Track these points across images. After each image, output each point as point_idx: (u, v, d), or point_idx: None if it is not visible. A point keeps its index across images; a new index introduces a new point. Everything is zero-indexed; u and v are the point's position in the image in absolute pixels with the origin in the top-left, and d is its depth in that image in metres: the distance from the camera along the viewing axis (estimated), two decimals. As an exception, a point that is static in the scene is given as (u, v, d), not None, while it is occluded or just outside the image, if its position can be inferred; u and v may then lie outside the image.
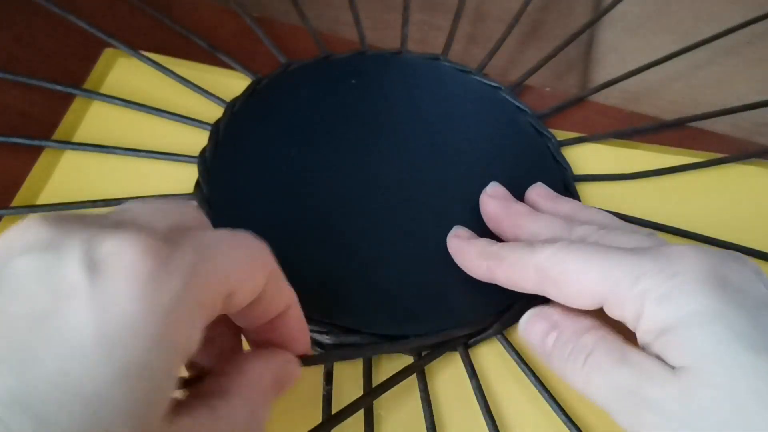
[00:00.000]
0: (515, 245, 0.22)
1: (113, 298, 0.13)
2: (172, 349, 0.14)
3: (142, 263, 0.14)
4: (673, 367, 0.17)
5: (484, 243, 0.23)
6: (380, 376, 0.23)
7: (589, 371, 0.19)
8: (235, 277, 0.16)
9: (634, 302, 0.18)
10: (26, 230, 0.14)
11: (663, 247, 0.19)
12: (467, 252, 0.24)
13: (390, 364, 0.24)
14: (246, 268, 0.16)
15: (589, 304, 0.20)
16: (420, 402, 0.23)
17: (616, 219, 0.24)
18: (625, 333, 0.19)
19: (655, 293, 0.18)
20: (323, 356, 0.23)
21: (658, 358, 0.18)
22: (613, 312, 0.19)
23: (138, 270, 0.14)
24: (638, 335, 0.19)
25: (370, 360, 0.24)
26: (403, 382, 0.23)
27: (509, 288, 0.22)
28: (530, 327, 0.21)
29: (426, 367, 0.24)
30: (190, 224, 0.17)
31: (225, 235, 0.16)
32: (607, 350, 0.19)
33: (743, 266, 0.19)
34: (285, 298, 0.19)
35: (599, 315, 0.20)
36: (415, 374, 0.23)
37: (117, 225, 0.15)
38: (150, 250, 0.14)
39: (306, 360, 0.20)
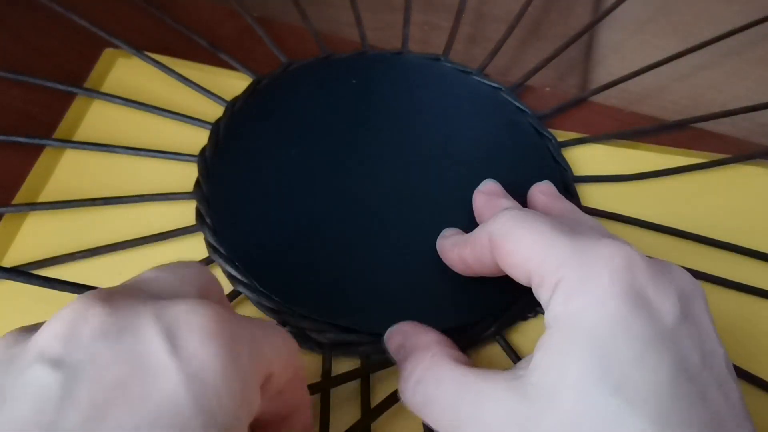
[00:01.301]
0: (479, 227, 0.22)
1: (201, 366, 0.14)
2: (251, 409, 0.15)
3: (219, 328, 0.14)
4: (524, 377, 0.17)
5: (459, 235, 0.23)
6: (377, 375, 0.23)
7: (423, 391, 0.18)
8: (275, 363, 0.16)
9: (549, 288, 0.18)
10: (88, 316, 0.14)
11: (600, 239, 0.18)
12: (444, 246, 0.24)
13: (387, 365, 0.24)
14: (284, 358, 0.17)
15: (521, 278, 0.19)
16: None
17: (601, 227, 0.23)
18: None
19: (566, 286, 0.17)
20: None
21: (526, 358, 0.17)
22: (536, 293, 0.19)
23: (217, 335, 0.14)
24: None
25: (368, 359, 0.24)
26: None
27: (480, 271, 0.22)
28: (389, 343, 0.22)
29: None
30: (213, 290, 0.18)
31: (265, 323, 0.17)
32: (441, 376, 0.18)
33: (669, 284, 0.17)
34: (299, 399, 0.19)
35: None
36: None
37: (161, 296, 0.16)
38: (220, 317, 0.15)
39: None
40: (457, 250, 0.23)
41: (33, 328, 0.15)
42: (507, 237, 0.20)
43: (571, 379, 0.16)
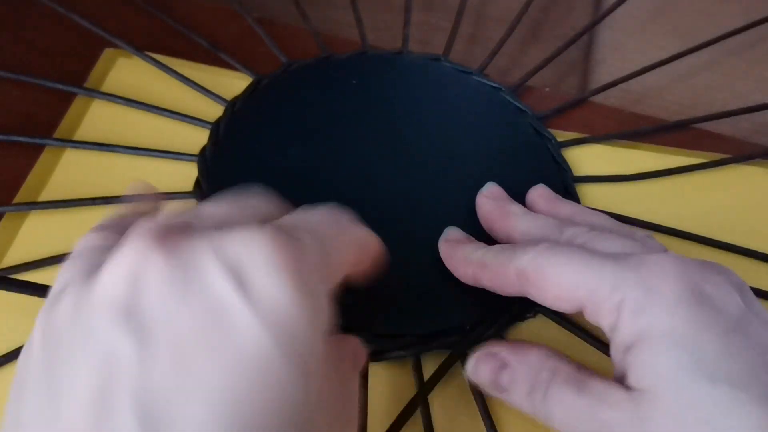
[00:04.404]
0: (498, 250, 0.22)
1: (274, 303, 0.14)
2: (324, 332, 0.15)
3: (283, 255, 0.14)
4: (631, 388, 0.17)
5: (471, 248, 0.23)
6: (375, 376, 0.23)
7: (549, 405, 0.19)
8: (348, 263, 0.17)
9: (611, 312, 0.18)
10: (149, 266, 0.14)
11: (645, 256, 0.19)
12: (453, 257, 0.24)
13: (386, 365, 0.24)
14: (356, 253, 0.17)
15: (568, 309, 0.20)
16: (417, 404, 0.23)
17: (613, 221, 0.23)
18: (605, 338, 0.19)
19: (630, 305, 0.18)
20: None
21: (622, 377, 0.18)
22: (591, 319, 0.19)
23: (282, 264, 0.14)
24: (611, 347, 0.19)
25: (367, 359, 0.24)
26: (400, 383, 0.23)
27: (496, 292, 0.22)
28: (479, 368, 0.21)
29: (423, 369, 0.24)
30: (276, 214, 0.17)
31: (334, 222, 0.17)
32: (564, 382, 0.19)
33: (724, 280, 0.18)
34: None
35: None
36: (412, 376, 0.23)
37: (221, 226, 0.15)
38: (281, 240, 0.14)
39: None
40: (472, 269, 0.22)
41: (90, 265, 0.15)
42: (544, 272, 0.20)
43: (670, 380, 0.16)
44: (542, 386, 0.19)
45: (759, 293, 0.26)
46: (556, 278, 0.19)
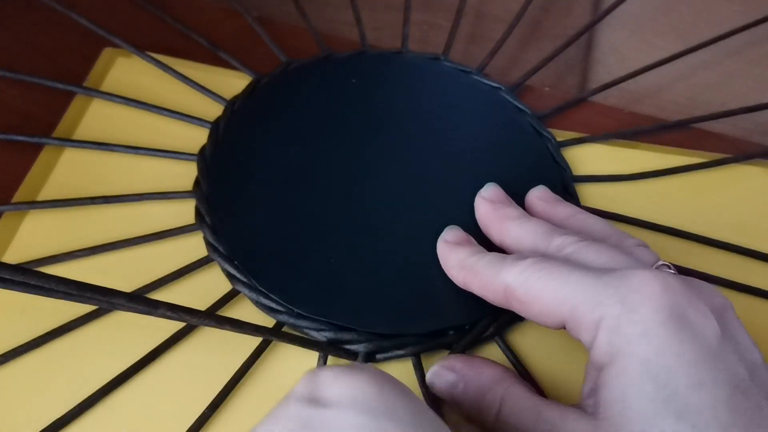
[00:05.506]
0: (488, 262, 0.22)
1: None
2: None
3: None
4: (595, 413, 0.17)
5: (465, 253, 0.23)
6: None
7: (500, 427, 0.19)
8: None
9: (590, 329, 0.18)
10: None
11: (629, 272, 0.18)
12: (448, 260, 0.24)
13: (386, 365, 0.24)
14: None
15: (552, 325, 0.20)
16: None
17: (608, 226, 0.23)
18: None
19: (608, 324, 0.18)
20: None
21: (591, 392, 0.18)
22: (573, 334, 0.19)
23: None
24: (588, 362, 0.19)
25: (365, 358, 0.24)
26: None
27: (485, 300, 0.22)
28: (436, 381, 0.22)
29: (423, 369, 0.24)
30: None
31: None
32: (515, 409, 0.19)
33: (706, 302, 0.18)
34: None
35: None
36: (414, 374, 0.23)
37: None
38: None
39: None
40: (464, 275, 0.23)
41: None
42: (529, 289, 0.20)
43: (635, 411, 0.16)
44: (492, 409, 0.19)
45: (759, 293, 0.26)
46: (540, 295, 0.19)
